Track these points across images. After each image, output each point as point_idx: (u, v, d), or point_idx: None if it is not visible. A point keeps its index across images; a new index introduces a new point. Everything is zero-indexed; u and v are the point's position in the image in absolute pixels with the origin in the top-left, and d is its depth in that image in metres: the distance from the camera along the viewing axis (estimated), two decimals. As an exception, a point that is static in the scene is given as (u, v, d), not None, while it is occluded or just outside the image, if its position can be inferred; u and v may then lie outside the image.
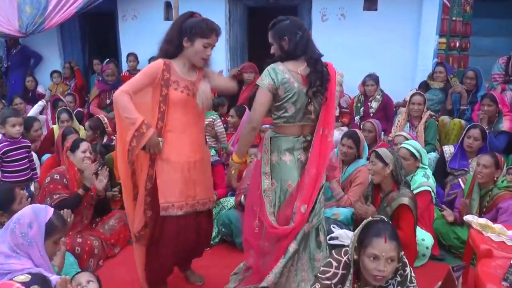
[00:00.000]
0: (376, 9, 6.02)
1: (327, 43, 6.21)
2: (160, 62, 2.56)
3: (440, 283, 2.11)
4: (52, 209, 2.17)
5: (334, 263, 2.04)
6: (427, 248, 3.35)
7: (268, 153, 2.53)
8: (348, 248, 2.04)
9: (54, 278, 2.01)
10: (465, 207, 3.45)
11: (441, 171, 4.23)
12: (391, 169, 3.09)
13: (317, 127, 2.52)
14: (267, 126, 4.37)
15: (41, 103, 6.14)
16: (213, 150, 4.11)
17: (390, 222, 2.07)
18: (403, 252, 2.04)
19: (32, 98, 7.07)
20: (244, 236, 2.72)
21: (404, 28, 5.89)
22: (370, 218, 2.05)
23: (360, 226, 2.01)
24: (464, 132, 4.19)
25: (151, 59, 6.77)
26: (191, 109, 2.63)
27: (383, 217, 2.06)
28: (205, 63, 2.62)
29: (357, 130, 4.00)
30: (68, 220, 2.96)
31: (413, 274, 2.06)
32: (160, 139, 2.57)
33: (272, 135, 2.56)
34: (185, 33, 2.52)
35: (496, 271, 2.44)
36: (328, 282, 1.98)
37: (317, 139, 2.50)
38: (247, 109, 5.04)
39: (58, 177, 3.34)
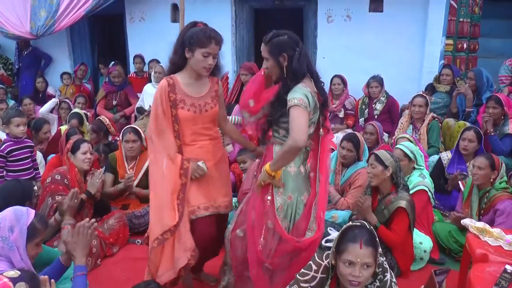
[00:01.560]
0: (381, 11, 5.97)
1: (332, 45, 6.29)
2: (164, 84, 2.58)
3: (422, 286, 2.09)
4: (34, 211, 2.19)
5: (314, 267, 2.04)
6: (425, 251, 3.30)
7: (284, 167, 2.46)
8: (329, 252, 2.03)
9: None
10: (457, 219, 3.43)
11: (438, 179, 4.13)
12: (390, 172, 3.08)
13: (320, 135, 2.55)
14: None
15: (55, 99, 6.22)
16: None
17: (370, 228, 2.03)
18: (384, 258, 2.03)
19: (42, 99, 7.17)
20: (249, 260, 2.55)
21: (410, 30, 5.84)
22: (350, 223, 2.04)
23: (340, 231, 2.01)
24: (459, 135, 4.13)
25: (150, 62, 6.86)
26: (198, 124, 2.67)
27: (364, 222, 2.05)
28: (208, 72, 2.58)
29: (357, 133, 3.97)
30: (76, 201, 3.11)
31: (394, 280, 2.05)
32: (199, 163, 2.64)
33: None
34: (186, 44, 2.53)
35: (489, 276, 2.40)
36: (306, 285, 1.98)
37: (324, 146, 2.55)
38: (237, 105, 5.09)
39: (59, 178, 3.39)
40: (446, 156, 4.25)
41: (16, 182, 3.03)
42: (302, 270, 2.07)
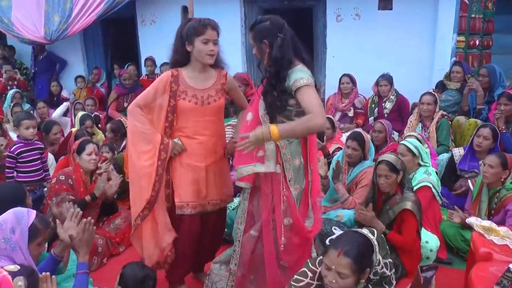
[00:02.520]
0: (391, 8, 5.91)
1: (342, 44, 6.25)
2: (168, 74, 2.63)
3: (410, 285, 2.06)
4: (34, 211, 2.22)
5: (309, 274, 2.02)
6: (431, 250, 3.24)
7: (290, 161, 2.39)
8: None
9: None
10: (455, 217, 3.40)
11: (449, 175, 4.09)
12: (401, 176, 3.04)
13: None
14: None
15: (66, 103, 6.34)
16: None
17: (361, 239, 1.97)
18: (392, 270, 1.98)
19: (56, 102, 7.32)
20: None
21: (420, 27, 5.77)
22: (354, 229, 2.01)
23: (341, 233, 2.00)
24: (474, 132, 4.06)
25: (162, 66, 6.92)
26: (201, 117, 2.68)
27: (360, 230, 2.01)
28: (212, 58, 2.60)
29: (362, 131, 3.92)
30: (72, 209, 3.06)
31: (393, 276, 2.01)
32: (175, 140, 2.67)
33: (289, 141, 2.40)
34: (185, 39, 2.57)
35: (491, 275, 2.34)
36: None
37: (311, 136, 2.47)
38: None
39: (63, 178, 3.43)
40: (458, 152, 4.17)
41: (8, 185, 3.09)
42: (296, 276, 2.05)
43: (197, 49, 2.55)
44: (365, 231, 1.99)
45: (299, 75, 2.24)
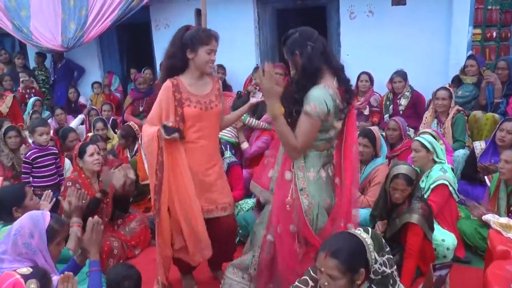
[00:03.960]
0: (404, 3, 5.81)
1: (356, 41, 6.19)
2: (168, 84, 2.65)
3: (422, 284, 2.00)
4: (49, 213, 2.27)
5: (311, 282, 2.00)
6: (448, 249, 3.18)
7: (303, 170, 2.34)
8: None
9: (55, 278, 2.10)
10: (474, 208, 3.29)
11: (470, 168, 4.00)
12: (412, 188, 3.01)
13: (345, 137, 2.42)
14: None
15: (81, 116, 6.46)
16: (228, 152, 4.13)
17: (350, 239, 1.92)
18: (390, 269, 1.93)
19: (74, 108, 7.45)
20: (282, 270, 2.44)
21: (434, 21, 5.65)
22: (351, 230, 1.99)
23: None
24: (497, 125, 3.94)
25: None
26: (204, 122, 2.72)
27: (352, 230, 1.99)
28: (211, 68, 2.71)
29: (373, 128, 3.89)
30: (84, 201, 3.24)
31: (395, 273, 1.95)
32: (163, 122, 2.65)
33: (307, 151, 2.36)
34: (187, 45, 2.61)
35: (508, 274, 2.27)
36: None
37: (348, 149, 2.41)
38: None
39: (70, 184, 3.46)
40: (479, 145, 4.07)
41: (8, 186, 3.18)
42: (297, 283, 2.03)
43: (200, 57, 2.61)
44: (358, 230, 1.95)
45: (310, 98, 2.20)
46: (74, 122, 6.33)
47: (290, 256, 2.36)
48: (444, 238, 3.20)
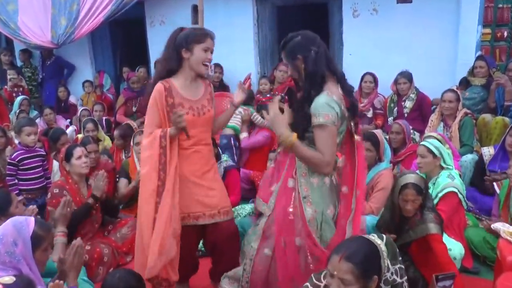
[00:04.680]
0: (410, 1, 5.80)
1: (359, 41, 6.19)
2: (160, 88, 2.63)
3: None
4: (33, 218, 2.23)
5: None
6: (454, 258, 3.13)
7: (306, 176, 2.35)
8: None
9: None
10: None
11: (479, 175, 3.98)
12: (423, 198, 2.92)
13: (355, 147, 2.44)
14: None
15: (71, 129, 6.27)
16: (224, 156, 4.14)
17: (366, 244, 1.91)
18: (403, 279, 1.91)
19: (64, 108, 7.41)
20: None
21: (441, 20, 5.65)
22: (364, 235, 1.96)
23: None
24: (507, 130, 3.93)
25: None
26: (198, 128, 2.72)
27: (366, 236, 1.96)
28: (207, 68, 2.70)
29: (376, 131, 3.87)
30: (68, 209, 3.15)
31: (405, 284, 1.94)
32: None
33: None
34: (182, 45, 2.61)
35: (519, 285, 2.26)
36: None
37: (360, 157, 2.42)
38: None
39: (57, 191, 3.44)
40: (488, 151, 4.06)
41: None
42: None
43: (196, 56, 2.62)
44: (372, 236, 1.94)
45: (320, 109, 2.21)
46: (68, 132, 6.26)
47: (293, 271, 2.32)
48: (451, 247, 3.15)
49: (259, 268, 2.45)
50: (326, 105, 2.21)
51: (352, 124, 2.42)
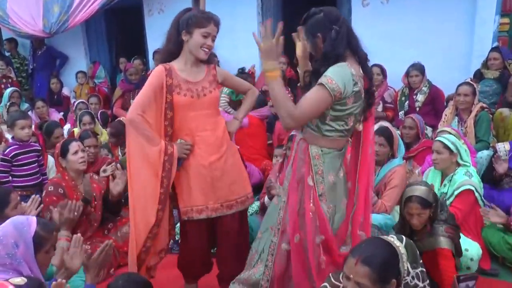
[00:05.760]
0: (423, -10, 5.83)
1: (368, 31, 6.14)
2: (161, 69, 2.66)
3: None
4: (35, 218, 2.22)
5: None
6: (471, 259, 3.17)
7: (322, 174, 2.33)
8: None
9: None
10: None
11: (492, 173, 3.99)
12: (432, 211, 2.88)
13: (362, 135, 2.43)
14: None
15: (67, 126, 6.26)
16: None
17: (384, 246, 1.93)
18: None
19: (57, 100, 7.42)
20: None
21: (456, 10, 5.68)
22: (383, 236, 1.98)
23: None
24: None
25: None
26: (199, 111, 2.71)
27: (385, 237, 1.98)
28: (206, 54, 2.68)
29: (390, 126, 3.88)
30: (76, 214, 3.15)
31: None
32: (179, 140, 2.70)
33: (325, 152, 2.34)
34: (183, 27, 2.61)
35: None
36: None
37: (366, 149, 2.42)
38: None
39: (52, 188, 3.44)
40: (503, 147, 4.08)
41: None
42: None
43: (194, 40, 2.61)
44: (391, 238, 1.95)
45: (330, 71, 2.16)
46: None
47: (306, 269, 2.33)
48: (467, 247, 3.17)
49: (278, 266, 2.45)
50: (338, 73, 2.16)
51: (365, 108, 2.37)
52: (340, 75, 2.15)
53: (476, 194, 3.35)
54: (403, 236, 1.97)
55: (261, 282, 2.54)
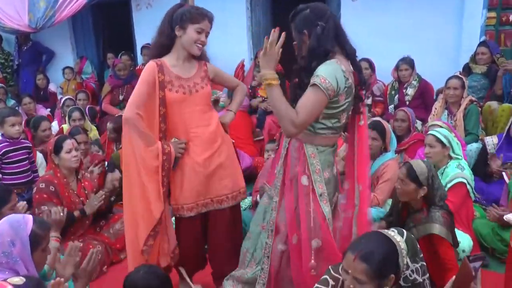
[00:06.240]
0: (412, -16, 5.86)
1: (358, 26, 6.13)
2: (152, 65, 2.65)
3: (454, 277, 2.04)
4: (31, 216, 2.21)
5: (331, 281, 2.02)
6: (463, 251, 3.23)
7: (320, 172, 2.34)
8: None
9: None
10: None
11: (483, 166, 4.07)
12: (425, 192, 2.85)
13: (356, 134, 2.45)
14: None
15: (55, 123, 6.20)
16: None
17: (383, 242, 1.93)
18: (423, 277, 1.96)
19: (43, 97, 7.35)
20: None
21: (445, 4, 5.70)
22: (381, 230, 2.01)
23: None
24: (512, 118, 4.04)
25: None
26: (192, 107, 2.72)
27: (386, 231, 1.99)
28: (199, 50, 2.70)
29: (382, 120, 3.92)
30: (62, 214, 3.08)
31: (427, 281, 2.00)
32: (173, 139, 2.72)
33: (319, 150, 2.35)
34: (176, 22, 2.62)
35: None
36: None
37: (361, 146, 2.44)
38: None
39: (43, 186, 3.42)
40: (491, 141, 4.15)
41: None
42: (317, 285, 2.04)
43: (188, 36, 2.61)
44: (391, 232, 1.96)
45: (321, 70, 2.15)
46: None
47: (306, 269, 2.34)
48: (459, 239, 3.23)
49: (273, 268, 2.46)
50: (329, 71, 2.15)
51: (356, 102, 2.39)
52: (332, 73, 2.15)
53: (468, 186, 3.40)
54: (404, 230, 1.98)
55: (257, 286, 2.53)
